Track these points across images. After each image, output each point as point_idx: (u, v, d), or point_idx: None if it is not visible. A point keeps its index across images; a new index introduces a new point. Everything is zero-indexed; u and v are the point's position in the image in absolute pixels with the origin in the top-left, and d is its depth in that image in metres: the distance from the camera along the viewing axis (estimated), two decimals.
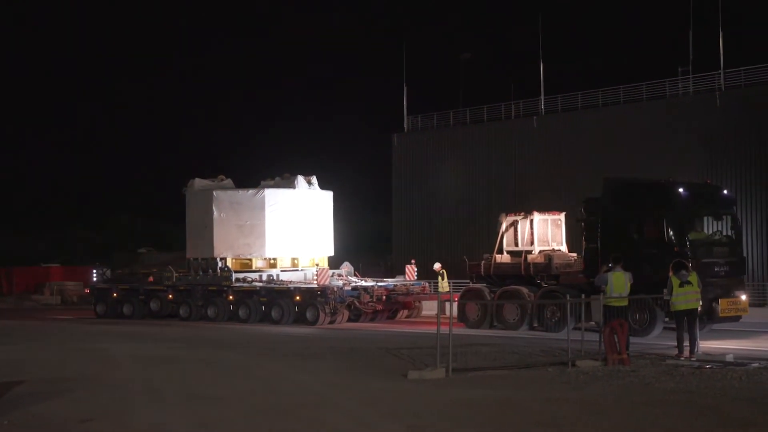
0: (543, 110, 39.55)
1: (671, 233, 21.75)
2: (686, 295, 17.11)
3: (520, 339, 21.89)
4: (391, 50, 65.47)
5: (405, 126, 44.13)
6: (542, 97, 39.44)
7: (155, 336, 24.74)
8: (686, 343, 17.28)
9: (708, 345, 18.91)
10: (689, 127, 34.30)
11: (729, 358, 16.42)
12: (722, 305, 21.39)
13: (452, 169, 41.54)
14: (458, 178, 41.25)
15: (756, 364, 15.60)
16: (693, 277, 17.29)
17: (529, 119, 39.69)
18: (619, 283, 17.22)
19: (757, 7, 52.84)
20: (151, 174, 71.12)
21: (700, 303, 17.79)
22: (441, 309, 16.55)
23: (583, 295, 18.14)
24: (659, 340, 20.89)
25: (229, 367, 17.30)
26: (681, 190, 22.54)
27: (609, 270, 17.51)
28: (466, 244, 38.03)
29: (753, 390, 13.37)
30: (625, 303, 17.50)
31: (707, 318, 21.21)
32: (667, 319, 21.38)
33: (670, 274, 17.32)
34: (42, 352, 20.61)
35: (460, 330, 24.42)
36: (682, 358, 16.75)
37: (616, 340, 16.16)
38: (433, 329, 15.49)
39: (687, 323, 17.34)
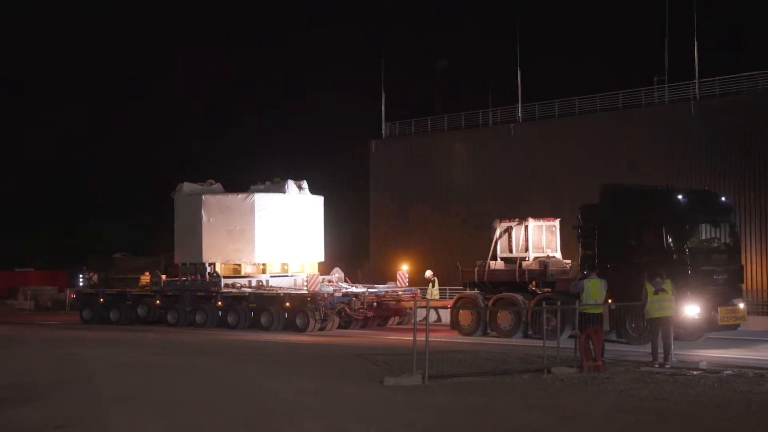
0: (520, 118, 40.96)
1: (670, 240, 22.30)
2: (660, 303, 17.74)
3: (507, 346, 22.37)
4: (369, 56, 66.45)
5: (383, 132, 45.54)
6: (519, 104, 40.82)
7: (137, 342, 25.46)
8: (660, 351, 17.96)
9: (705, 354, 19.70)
10: (664, 135, 35.53)
11: (702, 365, 17.06)
12: (721, 313, 21.96)
13: (429, 175, 43.10)
14: (435, 184, 42.77)
15: (729, 372, 16.31)
16: (668, 285, 17.91)
17: (506, 127, 41.10)
18: (594, 290, 17.99)
19: (732, 19, 53.93)
20: (132, 177, 71.63)
21: (674, 311, 18.47)
22: (420, 316, 17.37)
23: (559, 302, 18.92)
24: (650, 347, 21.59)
25: (207, 373, 17.97)
26: (680, 196, 23.13)
27: (584, 277, 18.28)
28: (443, 250, 39.33)
29: (726, 397, 14.01)
30: (600, 310, 18.27)
31: (706, 326, 21.99)
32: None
33: (645, 281, 17.98)
34: (20, 358, 21.31)
35: (454, 337, 25.24)
36: (657, 366, 17.42)
37: (592, 347, 16.90)
38: (420, 336, 16.26)
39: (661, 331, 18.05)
